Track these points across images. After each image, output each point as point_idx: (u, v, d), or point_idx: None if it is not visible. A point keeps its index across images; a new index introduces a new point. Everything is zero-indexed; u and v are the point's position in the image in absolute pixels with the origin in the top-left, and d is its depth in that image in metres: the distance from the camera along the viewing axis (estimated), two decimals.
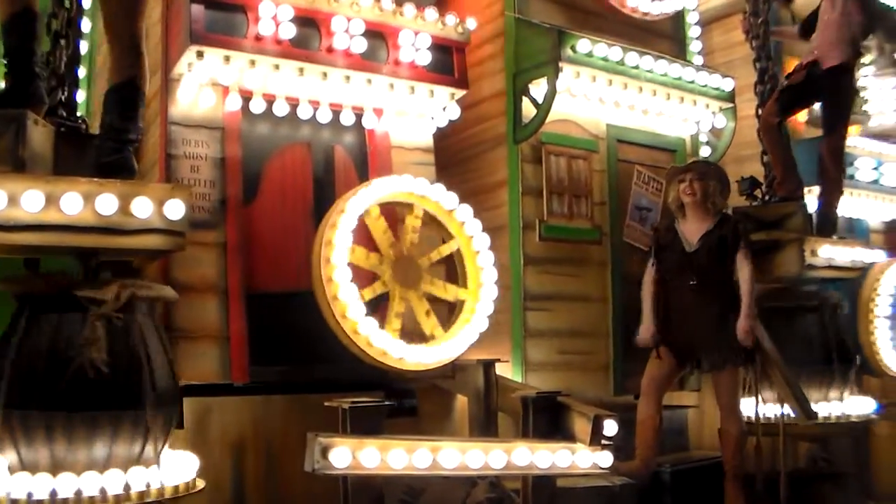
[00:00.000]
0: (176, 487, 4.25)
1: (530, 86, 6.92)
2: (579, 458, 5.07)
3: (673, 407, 7.33)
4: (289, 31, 5.57)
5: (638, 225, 7.40)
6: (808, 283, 7.30)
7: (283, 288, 5.70)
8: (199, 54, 5.41)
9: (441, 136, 6.75)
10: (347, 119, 6.12)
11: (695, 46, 8.35)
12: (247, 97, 5.79)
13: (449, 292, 5.87)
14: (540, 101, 6.81)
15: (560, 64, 6.70)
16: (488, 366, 5.83)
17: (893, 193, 9.24)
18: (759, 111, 7.70)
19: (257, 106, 5.81)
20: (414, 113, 6.40)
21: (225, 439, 5.42)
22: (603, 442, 5.10)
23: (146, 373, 4.20)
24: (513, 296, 6.78)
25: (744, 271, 6.10)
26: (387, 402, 5.07)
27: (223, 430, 5.42)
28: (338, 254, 5.26)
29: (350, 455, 4.48)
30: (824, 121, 7.54)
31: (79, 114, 4.90)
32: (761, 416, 6.40)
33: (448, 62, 6.29)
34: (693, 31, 8.36)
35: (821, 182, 7.48)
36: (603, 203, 7.32)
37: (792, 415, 6.50)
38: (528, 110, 6.94)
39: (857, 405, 7.14)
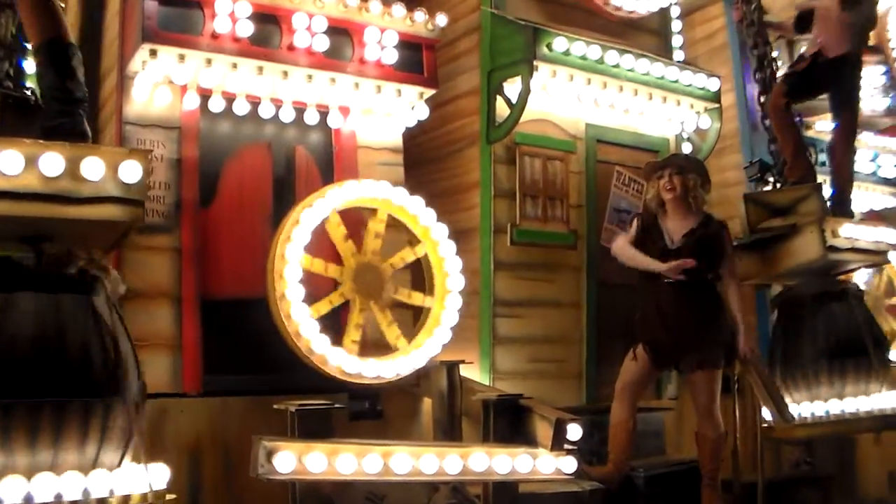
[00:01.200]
0: (144, 496, 3.96)
1: (505, 84, 6.73)
2: (541, 463, 4.93)
3: (650, 409, 7.17)
4: (247, 29, 5.38)
5: (616, 228, 7.14)
6: (829, 271, 7.09)
7: (240, 294, 5.52)
8: (153, 53, 5.23)
9: (414, 133, 6.58)
10: (312, 118, 5.92)
11: (677, 41, 8.12)
12: (205, 95, 5.60)
13: (414, 299, 5.75)
14: (514, 100, 6.62)
15: (535, 63, 6.51)
16: (452, 368, 5.67)
17: (866, 181, 9.02)
18: (762, 98, 7.56)
19: (216, 104, 5.61)
20: (381, 112, 6.21)
21: (181, 442, 5.22)
22: (566, 446, 4.98)
23: (119, 362, 3.95)
24: (482, 301, 6.62)
25: (731, 290, 6.11)
26: (337, 405, 4.91)
27: (179, 432, 5.24)
28: (291, 270, 5.12)
29: (295, 460, 4.37)
30: (833, 109, 7.35)
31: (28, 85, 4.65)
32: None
33: (417, 60, 6.10)
34: (676, 26, 8.13)
35: (832, 169, 7.33)
36: (580, 206, 7.13)
37: (769, 418, 6.40)
38: (502, 109, 6.74)
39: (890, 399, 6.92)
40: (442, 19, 6.13)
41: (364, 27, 5.81)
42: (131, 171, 3.84)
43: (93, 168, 3.77)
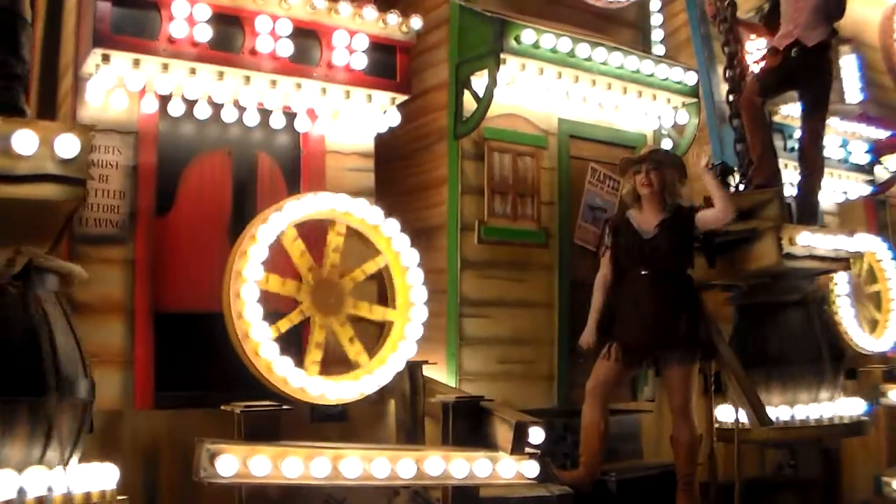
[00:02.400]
0: (87, 495, 3.87)
1: (473, 78, 6.56)
2: (502, 467, 4.90)
3: (626, 411, 7.13)
4: (205, 33, 5.20)
5: (590, 226, 7.07)
6: (789, 278, 6.98)
7: (195, 308, 5.40)
8: (105, 58, 5.05)
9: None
10: (278, 122, 5.74)
11: (657, 35, 7.96)
12: (165, 98, 5.41)
13: (375, 313, 5.54)
14: (481, 94, 6.45)
15: (502, 55, 6.34)
16: (415, 368, 5.59)
17: (838, 168, 8.84)
18: (730, 97, 7.37)
19: (176, 108, 5.42)
20: (351, 117, 6.02)
21: (137, 447, 5.10)
22: (528, 450, 4.94)
23: (48, 356, 3.84)
24: (448, 301, 6.51)
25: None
26: (284, 407, 4.80)
27: (135, 437, 5.12)
28: (247, 289, 4.96)
29: (239, 463, 4.33)
30: (803, 104, 7.18)
31: None
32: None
33: (389, 64, 5.93)
34: (656, 19, 7.95)
35: (800, 167, 7.22)
36: (552, 203, 7.00)
37: (746, 421, 6.32)
38: (470, 104, 6.57)
39: (847, 406, 6.86)
40: (417, 22, 5.94)
41: (333, 30, 5.62)
42: (69, 146, 3.70)
43: (25, 142, 3.64)
